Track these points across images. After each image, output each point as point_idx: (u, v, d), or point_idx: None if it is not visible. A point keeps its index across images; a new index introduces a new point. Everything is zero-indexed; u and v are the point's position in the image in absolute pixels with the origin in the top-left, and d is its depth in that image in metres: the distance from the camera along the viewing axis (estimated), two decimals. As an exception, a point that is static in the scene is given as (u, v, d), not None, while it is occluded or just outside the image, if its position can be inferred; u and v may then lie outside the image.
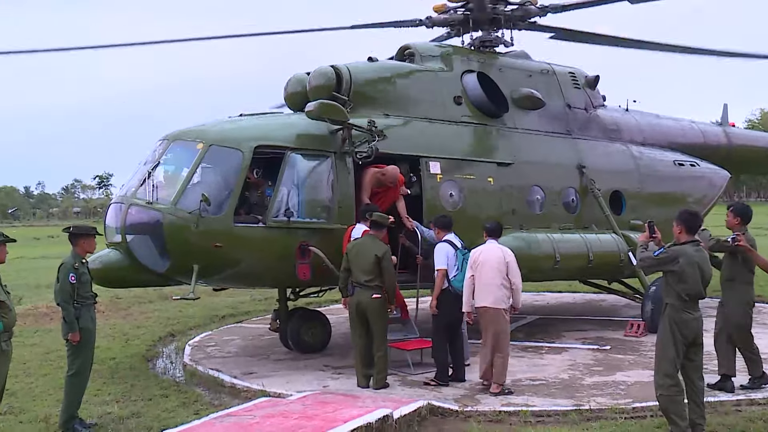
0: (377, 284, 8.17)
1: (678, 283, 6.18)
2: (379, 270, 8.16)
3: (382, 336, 8.29)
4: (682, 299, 6.19)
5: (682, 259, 6.18)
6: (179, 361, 10.53)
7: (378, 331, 8.25)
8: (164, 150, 9.34)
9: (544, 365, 9.36)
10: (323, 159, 9.48)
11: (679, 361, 6.20)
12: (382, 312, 8.23)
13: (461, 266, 8.40)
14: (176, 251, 8.61)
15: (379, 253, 8.17)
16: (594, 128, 13.25)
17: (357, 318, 8.32)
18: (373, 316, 8.21)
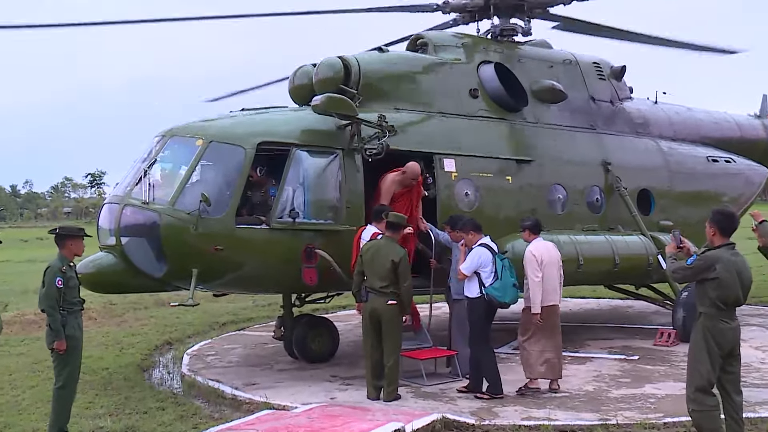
0: (393, 291, 8.20)
1: (714, 290, 6.03)
2: (395, 276, 8.18)
3: (395, 345, 8.32)
4: (718, 307, 6.05)
5: (719, 266, 6.03)
6: (177, 371, 10.59)
7: (391, 340, 8.28)
8: (161, 146, 9.39)
9: (567, 376, 9.34)
10: (330, 156, 9.51)
11: (714, 373, 6.09)
12: (397, 320, 8.27)
13: (500, 273, 8.36)
14: (174, 254, 8.66)
15: (396, 258, 8.19)
16: (620, 122, 13.23)
17: (370, 325, 8.34)
18: (388, 325, 8.24)
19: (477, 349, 8.46)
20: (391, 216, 8.58)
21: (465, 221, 8.99)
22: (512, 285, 8.41)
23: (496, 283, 8.34)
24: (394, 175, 9.67)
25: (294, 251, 9.07)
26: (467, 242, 8.83)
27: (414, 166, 9.63)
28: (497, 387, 8.30)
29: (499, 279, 8.33)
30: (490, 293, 8.32)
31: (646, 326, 13.17)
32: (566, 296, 17.49)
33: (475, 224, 8.80)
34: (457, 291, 9.33)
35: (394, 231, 8.48)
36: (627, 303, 16.11)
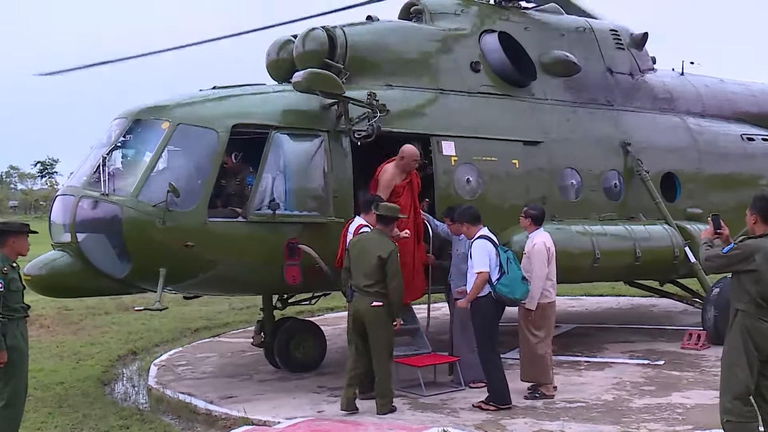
0: (378, 290, 8.24)
1: (754, 284, 5.99)
2: (382, 274, 8.23)
3: (384, 353, 8.33)
4: (758, 304, 6.01)
5: (759, 256, 5.99)
6: (143, 384, 10.63)
7: (379, 346, 8.29)
8: (122, 130, 9.39)
9: (584, 384, 9.46)
10: (314, 139, 9.55)
11: (752, 380, 6.06)
12: (383, 323, 8.28)
13: (506, 267, 8.46)
14: (138, 252, 8.69)
15: (384, 254, 8.22)
16: (641, 97, 13.29)
17: (354, 329, 8.41)
18: (372, 329, 8.26)
19: (489, 356, 8.51)
20: (382, 207, 8.61)
21: (460, 211, 9.06)
22: (521, 278, 8.50)
23: (504, 278, 8.41)
24: (393, 165, 9.63)
25: (274, 247, 9.11)
26: (465, 234, 8.92)
27: (410, 148, 9.64)
28: (505, 397, 8.40)
29: (506, 273, 8.41)
30: (499, 290, 8.39)
31: (672, 327, 13.29)
32: (581, 294, 17.69)
33: (472, 214, 8.86)
34: (457, 288, 9.40)
35: (385, 224, 8.52)
36: (650, 301, 16.24)
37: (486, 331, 8.51)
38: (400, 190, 9.56)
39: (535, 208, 9.27)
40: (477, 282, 8.43)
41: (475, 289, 8.43)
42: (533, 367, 8.89)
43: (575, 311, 15.79)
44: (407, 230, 9.35)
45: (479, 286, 8.43)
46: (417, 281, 9.68)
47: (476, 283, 8.43)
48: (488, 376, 8.53)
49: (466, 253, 9.21)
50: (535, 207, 9.39)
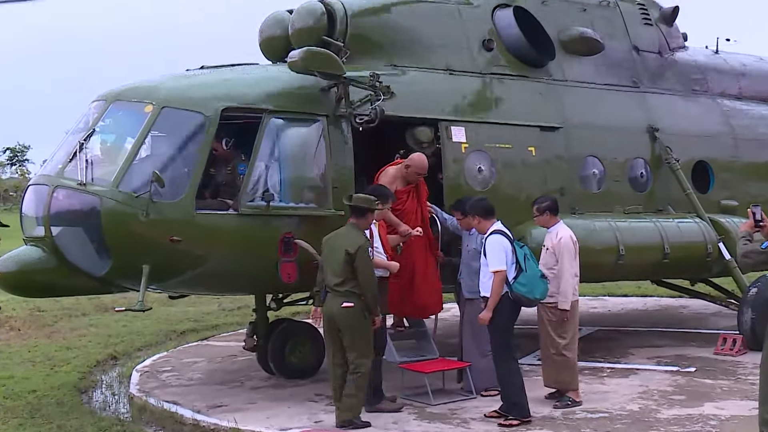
0: (349, 289, 8.17)
1: None
2: (351, 271, 8.16)
3: (360, 358, 8.17)
4: None
5: None
6: (124, 392, 10.69)
7: (354, 351, 8.17)
8: (101, 114, 9.41)
9: (606, 392, 9.49)
10: (312, 124, 9.57)
11: None
12: (358, 326, 8.18)
13: (524, 264, 8.42)
14: (119, 247, 8.71)
15: (351, 248, 8.13)
16: (671, 78, 13.30)
17: (329, 334, 8.36)
18: (346, 333, 8.19)
19: (505, 362, 8.48)
20: (355, 198, 8.54)
21: (472, 203, 9.05)
22: (540, 276, 8.49)
23: (521, 277, 8.37)
24: (395, 169, 9.66)
25: (268, 242, 9.14)
26: (477, 229, 8.92)
27: (420, 159, 9.63)
28: (525, 409, 8.41)
29: (524, 271, 8.39)
30: (516, 290, 8.36)
31: (704, 330, 13.30)
32: (604, 294, 17.70)
33: (485, 207, 8.85)
34: (470, 289, 9.44)
35: (358, 216, 8.45)
36: (680, 302, 16.24)
37: (502, 334, 8.46)
38: (402, 195, 9.56)
39: (546, 199, 9.29)
40: (495, 284, 8.33)
41: (494, 294, 8.33)
42: (561, 373, 8.93)
43: (597, 313, 15.81)
44: (419, 227, 9.37)
45: (498, 288, 8.33)
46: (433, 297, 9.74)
47: (495, 287, 8.32)
48: (505, 385, 8.47)
49: (477, 249, 9.24)
50: (546, 198, 9.39)
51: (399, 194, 9.52)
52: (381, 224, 9.07)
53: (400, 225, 9.35)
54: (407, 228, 9.29)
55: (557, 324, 8.89)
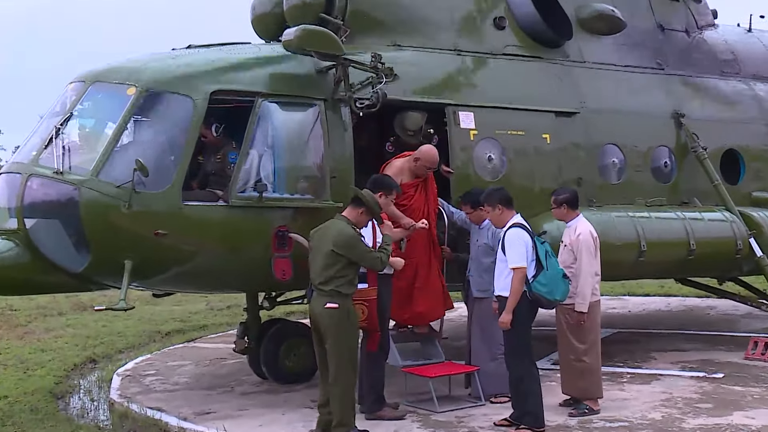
0: (334, 289, 8.13)
1: None
2: (337, 269, 8.12)
3: (341, 365, 8.12)
4: None
5: None
6: (103, 397, 10.74)
7: (336, 357, 8.13)
8: (80, 96, 9.42)
9: (627, 400, 9.54)
10: (308, 109, 9.58)
11: None
12: (338, 329, 8.12)
13: (545, 262, 8.37)
14: (99, 241, 8.72)
15: (338, 248, 8.10)
16: (699, 59, 13.30)
17: (315, 336, 8.35)
18: (328, 336, 8.16)
19: (519, 366, 8.45)
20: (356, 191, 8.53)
21: (489, 193, 8.98)
22: (562, 276, 8.46)
23: (542, 276, 8.32)
24: (403, 161, 9.68)
25: (261, 236, 9.17)
26: (494, 222, 8.92)
27: (430, 151, 9.68)
28: (541, 418, 8.42)
29: (545, 269, 8.36)
30: (536, 289, 8.30)
31: (733, 333, 13.36)
32: (624, 293, 17.75)
33: (506, 197, 8.82)
34: (479, 287, 9.48)
35: (355, 207, 8.43)
36: (707, 302, 16.29)
37: (520, 337, 8.40)
38: (409, 190, 9.59)
39: (565, 191, 9.34)
40: (515, 282, 8.25)
41: (514, 293, 8.25)
42: (581, 380, 8.96)
43: (617, 314, 15.86)
44: (424, 220, 9.40)
45: (519, 287, 8.26)
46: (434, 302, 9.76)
47: (515, 285, 8.24)
48: (521, 392, 8.43)
49: (489, 244, 9.26)
50: (565, 190, 9.45)
51: (405, 188, 9.55)
52: (384, 217, 9.08)
53: (402, 218, 9.37)
54: (410, 221, 9.32)
55: (576, 327, 8.91)
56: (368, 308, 8.63)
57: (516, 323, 8.32)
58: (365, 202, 8.38)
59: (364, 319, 8.60)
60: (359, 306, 8.53)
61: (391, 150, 10.55)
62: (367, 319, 8.63)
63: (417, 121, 10.21)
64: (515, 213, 8.74)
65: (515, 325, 8.33)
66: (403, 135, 10.23)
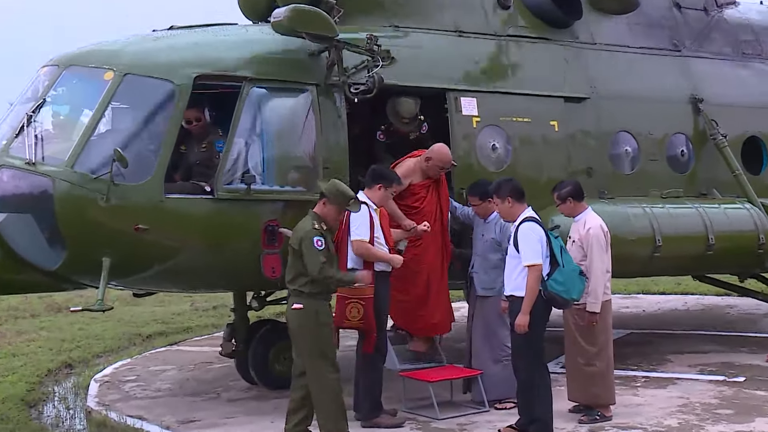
0: (298, 288, 8.14)
1: None
2: (299, 267, 8.12)
3: (312, 368, 8.11)
4: None
5: None
6: (80, 405, 10.76)
7: (305, 361, 8.15)
8: (53, 81, 9.41)
9: (641, 405, 9.57)
10: (300, 95, 9.60)
11: None
12: (303, 331, 8.12)
13: (561, 258, 8.30)
14: (75, 237, 8.72)
15: (294, 242, 8.11)
16: (718, 39, 13.30)
17: (291, 339, 8.38)
18: (296, 341, 8.19)
19: (528, 370, 8.38)
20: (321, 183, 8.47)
21: (499, 184, 8.85)
22: (578, 273, 8.40)
23: (558, 273, 8.24)
24: (414, 161, 9.67)
25: (249, 231, 9.18)
26: (504, 216, 8.83)
27: (442, 150, 9.68)
28: (546, 425, 8.35)
29: (561, 266, 8.28)
30: (552, 288, 8.22)
31: (755, 334, 13.40)
32: (638, 292, 17.78)
33: (518, 188, 8.71)
34: (484, 285, 9.48)
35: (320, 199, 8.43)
36: (727, 301, 16.32)
37: (533, 339, 8.28)
38: (421, 191, 9.59)
39: (567, 184, 9.27)
40: (532, 281, 8.13)
41: (531, 292, 8.12)
42: (591, 386, 8.94)
43: (630, 313, 15.88)
44: (427, 222, 9.37)
45: (536, 286, 8.15)
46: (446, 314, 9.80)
47: (531, 284, 8.13)
48: (529, 398, 8.38)
49: (497, 239, 9.24)
50: (566, 183, 9.38)
51: (417, 189, 9.56)
52: (382, 211, 9.10)
53: (403, 219, 9.38)
54: (411, 223, 9.30)
55: (586, 329, 8.91)
56: (364, 307, 8.62)
57: (531, 325, 8.19)
58: (325, 193, 8.36)
59: (360, 318, 8.62)
60: (355, 305, 8.56)
61: (381, 139, 10.54)
62: (363, 318, 8.64)
63: (411, 107, 10.21)
64: (527, 206, 8.67)
65: (530, 326, 8.19)
66: (398, 122, 10.23)
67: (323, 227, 8.19)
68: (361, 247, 8.77)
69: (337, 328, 8.71)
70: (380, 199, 8.96)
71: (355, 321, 8.63)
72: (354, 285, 8.40)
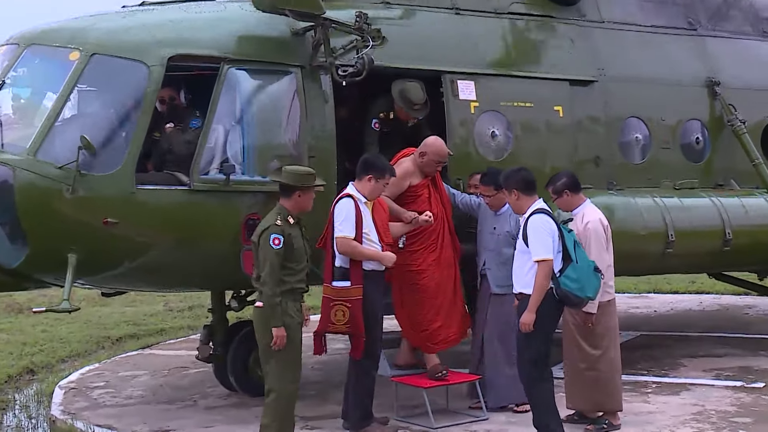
0: (260, 286, 8.14)
1: None
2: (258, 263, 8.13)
3: (269, 369, 8.17)
4: None
5: None
6: (43, 414, 10.74)
7: (263, 361, 8.21)
8: (13, 62, 9.40)
9: (652, 413, 9.60)
10: (283, 77, 9.60)
11: None
12: (264, 329, 8.11)
13: (574, 253, 8.24)
14: (38, 232, 8.71)
15: (255, 236, 8.13)
16: (737, 17, 13.31)
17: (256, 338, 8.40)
18: (258, 339, 8.22)
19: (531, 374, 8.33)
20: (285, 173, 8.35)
21: (506, 174, 8.82)
22: (593, 269, 8.32)
23: (571, 269, 8.18)
24: (408, 161, 9.59)
25: (228, 225, 9.19)
26: (513, 209, 8.80)
27: (436, 143, 9.61)
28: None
29: (574, 262, 8.22)
30: (565, 285, 8.16)
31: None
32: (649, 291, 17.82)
33: (525, 179, 8.62)
34: (499, 282, 9.48)
35: (283, 196, 8.34)
36: (745, 301, 16.38)
37: (539, 341, 8.24)
38: (423, 191, 9.53)
39: (561, 176, 9.19)
40: (541, 277, 8.10)
41: (539, 289, 8.09)
42: (594, 392, 8.92)
43: (640, 314, 15.92)
44: (428, 212, 9.28)
45: (545, 283, 8.12)
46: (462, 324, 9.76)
47: (540, 280, 8.09)
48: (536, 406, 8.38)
49: (512, 233, 9.19)
50: (560, 175, 9.28)
51: (418, 190, 9.49)
52: (377, 204, 9.00)
53: (402, 212, 9.33)
54: (412, 214, 9.24)
55: (587, 331, 8.90)
56: (350, 309, 8.58)
57: (538, 324, 8.15)
58: (280, 183, 8.30)
59: (345, 322, 8.58)
60: (340, 307, 8.55)
61: (377, 128, 10.50)
62: (348, 322, 8.59)
63: (420, 92, 10.16)
64: (536, 198, 8.58)
65: (537, 326, 8.15)
66: (409, 109, 10.15)
67: (290, 221, 8.15)
68: (346, 245, 8.68)
69: (323, 332, 8.74)
70: (371, 192, 8.89)
71: (341, 325, 8.60)
72: None
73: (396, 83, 10.16)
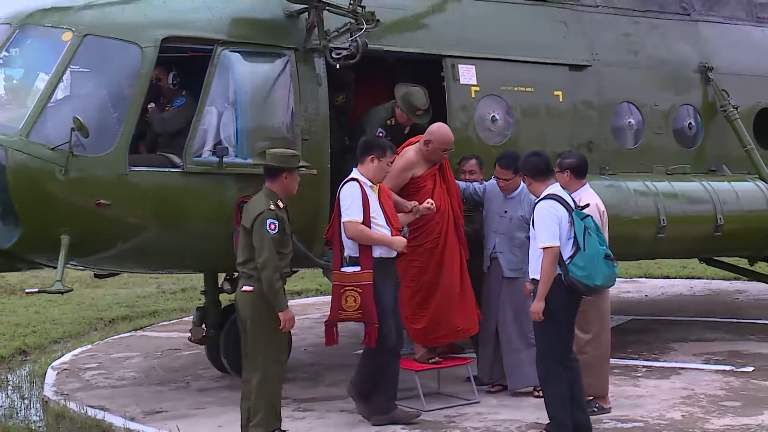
0: (249, 270, 8.10)
1: None
2: (251, 247, 8.05)
3: (255, 352, 8.12)
4: None
5: None
6: (36, 395, 10.75)
7: (252, 348, 8.15)
8: (5, 42, 9.32)
9: (642, 397, 9.61)
10: (276, 60, 9.58)
11: None
12: (257, 318, 8.08)
13: (583, 241, 8.05)
14: (30, 213, 8.69)
15: (247, 222, 8.05)
16: (729, 3, 13.25)
17: (241, 325, 8.34)
18: (245, 324, 8.18)
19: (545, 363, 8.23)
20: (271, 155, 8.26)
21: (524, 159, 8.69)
22: (603, 257, 8.11)
23: (578, 257, 8.04)
24: (413, 150, 9.43)
25: (221, 207, 9.20)
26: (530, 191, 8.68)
27: (441, 129, 9.47)
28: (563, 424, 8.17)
29: (582, 249, 8.06)
30: (572, 273, 8.02)
31: (765, 321, 13.43)
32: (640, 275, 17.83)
33: (536, 165, 8.46)
34: (512, 266, 9.46)
35: (270, 178, 8.25)
36: (735, 286, 16.39)
37: (552, 331, 8.14)
38: (428, 182, 9.38)
39: (572, 156, 9.20)
40: (546, 265, 8.01)
41: (545, 277, 8.01)
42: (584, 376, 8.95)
43: (631, 298, 15.95)
44: (431, 200, 9.10)
45: (550, 270, 8.03)
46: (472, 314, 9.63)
47: (545, 268, 8.00)
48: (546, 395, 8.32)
49: (526, 216, 9.11)
50: (572, 154, 9.32)
51: (423, 182, 9.37)
52: (382, 187, 8.83)
53: (403, 202, 9.14)
54: (413, 203, 9.06)
55: (580, 314, 8.79)
56: (361, 295, 8.44)
57: (549, 313, 8.06)
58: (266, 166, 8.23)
59: (357, 308, 8.45)
60: (350, 293, 8.48)
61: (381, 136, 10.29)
62: (360, 308, 8.46)
63: (422, 96, 10.06)
64: (550, 182, 8.42)
65: (548, 315, 8.06)
66: (412, 115, 10.04)
67: (279, 205, 8.10)
68: (354, 229, 8.49)
69: (334, 321, 8.67)
70: (375, 173, 8.67)
71: (352, 311, 8.47)
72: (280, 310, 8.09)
73: (399, 87, 10.12)
